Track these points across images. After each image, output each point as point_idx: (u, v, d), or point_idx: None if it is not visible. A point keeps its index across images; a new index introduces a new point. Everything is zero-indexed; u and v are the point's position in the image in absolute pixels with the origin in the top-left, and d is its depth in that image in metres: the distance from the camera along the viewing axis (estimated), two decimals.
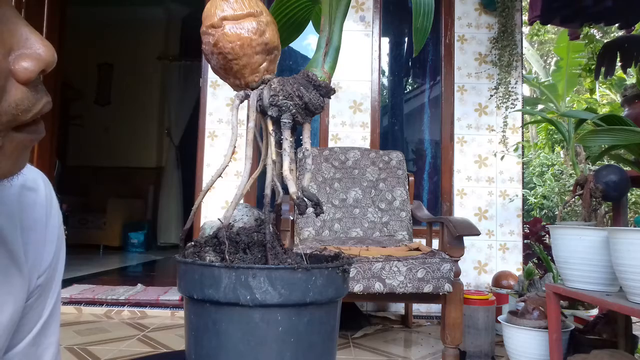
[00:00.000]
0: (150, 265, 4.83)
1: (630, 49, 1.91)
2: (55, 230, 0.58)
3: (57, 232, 0.59)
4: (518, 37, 3.02)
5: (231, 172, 2.99)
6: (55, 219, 0.59)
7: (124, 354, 2.02)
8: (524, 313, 1.89)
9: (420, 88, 3.54)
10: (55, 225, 0.58)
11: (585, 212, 1.65)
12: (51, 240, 0.57)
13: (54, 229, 0.58)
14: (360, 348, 2.23)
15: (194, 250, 0.54)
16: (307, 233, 2.45)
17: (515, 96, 2.97)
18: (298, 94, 0.54)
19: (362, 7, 3.14)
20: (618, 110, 2.87)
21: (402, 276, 1.83)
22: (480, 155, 3.05)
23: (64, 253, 0.62)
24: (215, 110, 3.08)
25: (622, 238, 1.28)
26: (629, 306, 1.26)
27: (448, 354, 1.91)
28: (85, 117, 6.42)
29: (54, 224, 0.58)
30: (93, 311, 2.74)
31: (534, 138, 6.34)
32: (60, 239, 0.59)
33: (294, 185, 0.52)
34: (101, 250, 5.44)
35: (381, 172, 2.64)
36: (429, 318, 2.84)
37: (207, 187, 0.56)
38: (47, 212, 0.57)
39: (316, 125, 3.10)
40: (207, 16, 0.55)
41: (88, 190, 6.09)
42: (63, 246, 0.61)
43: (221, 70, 0.57)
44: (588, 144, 1.75)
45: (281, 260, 0.51)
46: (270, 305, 0.46)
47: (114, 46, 6.29)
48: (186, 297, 0.51)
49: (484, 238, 2.99)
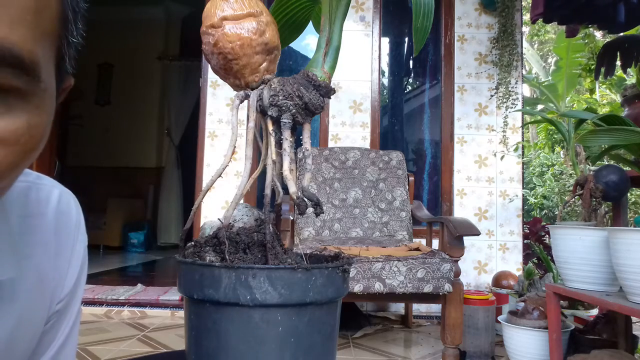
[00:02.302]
0: (150, 265, 4.83)
1: (630, 49, 1.91)
2: (79, 255, 0.56)
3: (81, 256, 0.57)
4: (518, 37, 3.02)
5: (231, 172, 2.99)
6: (82, 243, 0.57)
7: (124, 354, 2.02)
8: (524, 313, 1.89)
9: (420, 88, 3.54)
10: (80, 250, 0.56)
11: (585, 212, 1.65)
12: (75, 265, 0.55)
13: (79, 254, 0.56)
14: (360, 348, 2.23)
15: (194, 250, 0.54)
16: (307, 233, 2.45)
17: (515, 96, 2.97)
18: (298, 94, 0.54)
19: (362, 7, 3.14)
20: (618, 110, 2.87)
21: (402, 276, 1.83)
22: (480, 155, 3.05)
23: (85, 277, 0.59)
24: (215, 110, 3.08)
25: (622, 238, 1.28)
26: (629, 306, 1.26)
27: (448, 354, 1.91)
28: (85, 117, 6.42)
29: (80, 249, 0.56)
30: (93, 311, 2.74)
31: (534, 138, 6.34)
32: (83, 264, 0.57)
33: (294, 185, 0.52)
34: (101, 250, 5.44)
35: (381, 172, 2.64)
36: (429, 318, 2.84)
37: (207, 187, 0.56)
38: (74, 237, 0.56)
39: (316, 125, 3.10)
40: (207, 16, 0.55)
41: (88, 190, 6.08)
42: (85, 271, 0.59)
43: (221, 70, 0.57)
44: (588, 144, 1.75)
45: (281, 260, 0.51)
46: (270, 305, 0.46)
47: (114, 46, 6.29)
48: (186, 297, 0.51)
49: (484, 238, 2.99)
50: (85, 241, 0.58)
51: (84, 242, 0.58)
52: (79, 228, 0.57)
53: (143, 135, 6.35)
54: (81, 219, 0.58)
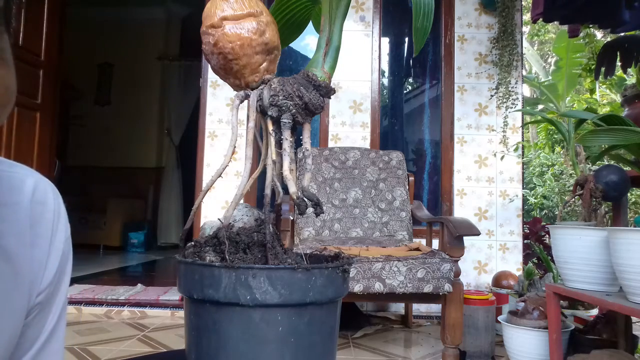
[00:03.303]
0: (150, 265, 4.83)
1: (630, 49, 1.91)
2: (60, 245, 0.55)
3: (62, 247, 0.55)
4: (518, 37, 3.02)
5: (231, 172, 2.99)
6: (62, 233, 0.55)
7: (124, 354, 2.02)
8: (524, 313, 1.89)
9: (420, 88, 3.54)
10: (61, 240, 0.55)
11: (585, 212, 1.65)
12: (55, 256, 0.54)
13: (60, 244, 0.55)
14: (360, 348, 2.23)
15: (194, 250, 0.54)
16: (307, 233, 2.45)
17: (515, 96, 2.97)
18: (298, 94, 0.54)
19: (362, 7, 3.14)
20: (618, 110, 2.87)
21: (402, 276, 1.83)
22: (480, 155, 3.05)
23: (70, 268, 0.57)
24: (215, 110, 3.08)
25: (622, 238, 1.28)
26: (629, 306, 1.26)
27: (448, 354, 1.91)
28: (85, 117, 6.42)
29: (60, 238, 0.55)
30: (93, 311, 2.74)
31: (534, 138, 6.34)
32: (65, 254, 0.56)
33: (294, 185, 0.52)
34: (101, 250, 5.44)
35: (381, 172, 2.64)
36: (429, 318, 2.84)
37: (207, 187, 0.56)
38: (53, 227, 0.54)
39: (316, 125, 3.10)
40: (207, 16, 0.55)
41: (88, 190, 6.08)
42: (69, 261, 0.57)
43: (221, 70, 0.57)
44: (588, 144, 1.75)
45: (281, 260, 0.51)
46: (270, 305, 0.46)
47: (114, 46, 6.29)
48: (186, 297, 0.51)
49: (484, 238, 2.99)
50: (67, 231, 0.57)
51: (65, 232, 0.56)
52: (59, 218, 0.55)
53: (143, 135, 6.35)
54: (61, 209, 0.56)
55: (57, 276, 0.54)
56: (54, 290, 0.54)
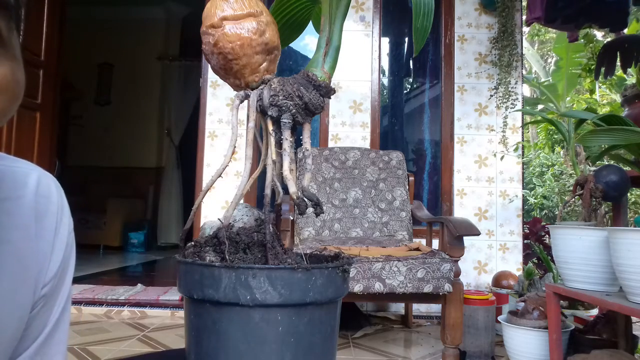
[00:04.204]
0: (150, 265, 4.83)
1: (630, 49, 1.91)
2: (64, 238, 0.56)
3: (66, 240, 0.56)
4: (518, 37, 3.02)
5: (231, 172, 2.99)
6: (66, 226, 0.56)
7: (124, 354, 2.02)
8: (524, 313, 1.89)
9: (420, 88, 3.54)
10: (64, 233, 0.56)
11: (585, 212, 1.65)
12: (59, 249, 0.55)
13: (63, 237, 0.56)
14: (360, 348, 2.23)
15: (194, 250, 0.54)
16: (307, 233, 2.45)
17: (515, 96, 2.97)
18: (298, 94, 0.54)
19: (362, 7, 3.14)
20: (618, 110, 2.87)
21: (402, 276, 1.83)
22: (480, 155, 3.05)
23: (74, 261, 0.59)
24: (215, 110, 3.08)
25: (622, 238, 1.28)
26: (629, 306, 1.26)
27: (448, 354, 1.91)
28: (85, 117, 6.42)
29: (64, 231, 0.56)
30: (93, 311, 2.74)
31: (534, 138, 6.34)
32: (69, 247, 0.57)
33: (294, 185, 0.52)
34: (101, 250, 5.43)
35: (381, 172, 2.64)
36: (429, 318, 2.84)
37: (207, 187, 0.56)
38: (57, 220, 0.55)
39: (316, 125, 3.10)
40: (207, 16, 0.55)
41: (88, 190, 6.08)
42: (72, 254, 0.58)
43: (221, 70, 0.57)
44: (588, 144, 1.75)
45: (281, 260, 0.51)
46: (270, 305, 0.46)
47: (114, 46, 6.28)
48: (186, 297, 0.51)
49: (484, 238, 2.99)
50: (71, 224, 0.58)
51: (68, 225, 0.57)
52: (62, 211, 0.56)
53: (143, 135, 6.35)
54: (64, 203, 0.57)
55: (61, 268, 0.55)
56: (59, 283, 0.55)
